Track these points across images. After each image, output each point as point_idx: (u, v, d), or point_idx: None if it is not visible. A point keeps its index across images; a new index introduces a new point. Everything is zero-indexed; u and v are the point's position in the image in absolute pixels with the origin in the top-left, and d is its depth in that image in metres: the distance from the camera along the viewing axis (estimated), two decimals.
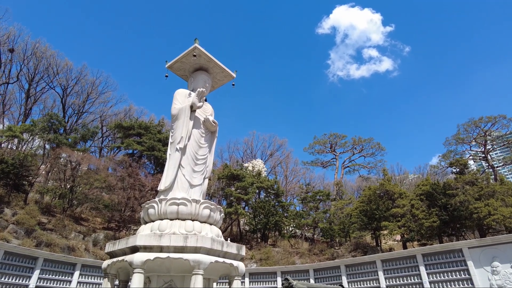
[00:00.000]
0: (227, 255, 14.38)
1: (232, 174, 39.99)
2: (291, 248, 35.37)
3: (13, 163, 25.46)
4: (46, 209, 29.93)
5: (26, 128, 29.14)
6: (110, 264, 14.49)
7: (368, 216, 29.49)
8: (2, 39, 41.18)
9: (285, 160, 68.39)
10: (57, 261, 23.27)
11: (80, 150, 34.22)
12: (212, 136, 18.84)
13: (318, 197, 39.09)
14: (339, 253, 31.42)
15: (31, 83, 45.11)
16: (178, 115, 17.38)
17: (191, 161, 17.27)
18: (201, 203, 15.39)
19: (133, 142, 39.67)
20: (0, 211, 24.84)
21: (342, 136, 51.18)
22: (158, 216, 15.22)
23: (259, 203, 39.67)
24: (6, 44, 41.79)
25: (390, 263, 24.26)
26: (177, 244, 13.22)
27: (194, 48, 18.11)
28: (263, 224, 36.89)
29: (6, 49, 41.77)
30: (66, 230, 28.08)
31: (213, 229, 15.58)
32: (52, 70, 46.30)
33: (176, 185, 16.47)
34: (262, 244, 36.80)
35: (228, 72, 19.77)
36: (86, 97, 49.79)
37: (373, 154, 51.66)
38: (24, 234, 24.68)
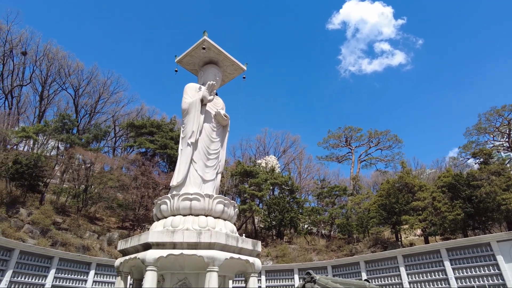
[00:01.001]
0: (242, 251, 13.83)
1: (245, 171, 39.44)
2: (308, 245, 34.59)
3: (27, 164, 25.54)
4: (61, 209, 30.03)
5: (39, 128, 29.28)
6: (123, 262, 14.11)
7: (387, 210, 28.41)
8: (14, 42, 41.74)
9: (298, 156, 67.46)
10: (73, 261, 23.21)
11: (93, 150, 34.26)
12: (224, 130, 18.36)
13: (334, 192, 38.12)
14: (357, 249, 30.48)
15: (44, 85, 45.63)
16: (188, 109, 16.97)
17: (203, 156, 16.82)
18: (214, 198, 14.91)
19: (145, 141, 39.58)
20: (16, 211, 24.94)
21: (357, 129, 49.77)
22: (170, 212, 14.80)
23: (274, 199, 39.00)
24: (18, 47, 42.35)
25: (412, 258, 23.27)
26: (191, 240, 12.74)
27: (203, 41, 17.60)
28: (278, 221, 36.21)
29: (19, 52, 42.37)
30: (81, 229, 28.06)
31: (227, 224, 15.06)
32: (64, 71, 46.81)
33: (189, 181, 16.04)
34: (278, 241, 36.14)
35: (238, 65, 19.23)
36: (98, 98, 50.17)
37: (390, 147, 50.09)
38: (40, 233, 24.72)
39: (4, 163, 24.88)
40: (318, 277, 8.41)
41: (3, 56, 41.79)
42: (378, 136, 49.13)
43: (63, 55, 46.43)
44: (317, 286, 8.11)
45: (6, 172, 24.85)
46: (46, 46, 45.22)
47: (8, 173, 24.85)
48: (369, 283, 8.22)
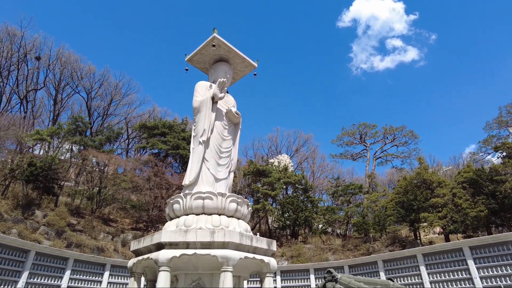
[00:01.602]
0: (257, 251, 13.46)
1: (258, 170, 39.03)
2: (323, 245, 33.93)
3: (41, 166, 25.79)
4: (75, 210, 30.24)
5: (52, 131, 29.57)
6: (136, 263, 13.91)
7: (405, 208, 27.50)
8: (28, 47, 42.48)
9: (311, 155, 66.58)
10: (87, 262, 23.24)
11: (106, 151, 34.45)
12: (236, 128, 18.11)
13: (349, 190, 37.27)
14: (375, 248, 29.67)
15: (58, 89, 46.29)
16: (199, 108, 16.79)
17: (215, 154, 16.59)
18: (227, 196, 14.63)
19: (157, 142, 39.63)
20: (32, 213, 25.18)
21: (372, 126, 48.43)
22: (183, 211, 14.57)
23: (287, 198, 38.44)
24: (32, 52, 43.09)
25: (432, 257, 22.40)
26: (204, 240, 12.44)
27: (213, 38, 17.36)
28: (293, 220, 35.65)
29: (33, 56, 43.08)
30: (95, 231, 28.16)
31: (241, 223, 14.72)
32: (76, 75, 47.38)
33: (201, 179, 15.82)
34: (293, 241, 35.59)
35: (249, 62, 18.94)
36: (110, 100, 50.56)
37: (406, 143, 48.50)
38: (55, 235, 24.87)
39: (19, 165, 25.19)
40: (339, 275, 7.92)
41: (18, 62, 42.60)
42: (394, 132, 47.81)
43: (75, 58, 47.15)
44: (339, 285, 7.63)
45: (21, 175, 25.14)
46: (58, 50, 46.02)
47: (23, 176, 25.13)
48: (393, 282, 7.68)
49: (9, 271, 19.42)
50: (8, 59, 42.39)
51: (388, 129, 47.70)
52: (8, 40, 41.65)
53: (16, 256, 19.83)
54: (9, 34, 41.32)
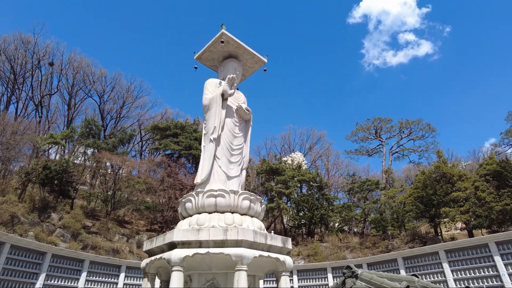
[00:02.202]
0: (271, 249, 13.05)
1: (271, 168, 38.56)
2: (340, 243, 33.18)
3: (56, 169, 26.06)
4: (90, 213, 30.46)
5: (66, 134, 29.90)
6: (149, 263, 13.71)
7: (424, 203, 26.50)
8: (41, 53, 43.29)
9: (325, 153, 65.54)
10: (103, 263, 23.30)
11: (119, 153, 34.64)
12: (247, 125, 17.84)
13: (365, 187, 36.36)
14: (394, 245, 28.76)
15: (71, 94, 47.02)
16: (209, 105, 16.59)
17: (226, 152, 16.33)
18: (239, 194, 14.33)
19: (170, 143, 39.66)
20: (48, 215, 25.44)
21: (387, 120, 46.99)
22: (195, 210, 14.34)
23: (302, 196, 37.82)
24: (45, 58, 43.88)
25: (456, 253, 21.47)
26: (217, 238, 12.15)
27: (222, 34, 17.12)
28: (308, 219, 35.01)
29: (46, 62, 43.85)
30: (110, 233, 28.28)
31: (254, 221, 14.36)
32: (89, 79, 48.03)
33: (213, 177, 15.59)
34: (309, 240, 34.96)
35: (258, 58, 18.62)
36: (122, 103, 51.04)
37: (423, 137, 46.88)
38: (71, 237, 25.04)
39: (34, 169, 25.52)
40: (360, 271, 7.41)
41: (32, 68, 43.47)
42: (410, 125, 46.26)
43: (87, 63, 47.84)
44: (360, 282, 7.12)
45: (36, 178, 25.46)
46: (70, 55, 46.75)
47: (38, 179, 25.44)
48: (418, 279, 7.12)
49: (27, 273, 19.59)
50: (23, 66, 43.31)
51: (404, 123, 46.27)
52: (22, 47, 42.58)
53: (33, 259, 19.99)
54: (23, 42, 42.24)
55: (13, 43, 42.10)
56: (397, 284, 6.55)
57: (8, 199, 23.72)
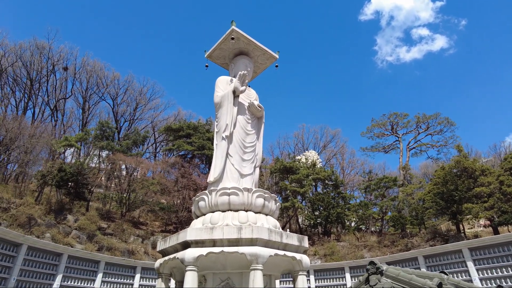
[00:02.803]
0: (287, 247, 12.66)
1: (285, 167, 38.07)
2: (358, 242, 32.41)
3: (70, 171, 26.32)
4: (105, 214, 30.66)
5: (80, 137, 30.24)
6: (163, 263, 13.51)
7: (445, 199, 25.48)
8: (56, 58, 44.09)
9: (340, 151, 64.50)
10: (118, 265, 23.33)
11: (133, 155, 34.83)
12: (259, 122, 17.57)
13: (383, 184, 35.44)
14: (414, 244, 27.84)
15: (85, 97, 47.74)
16: (221, 103, 16.40)
17: (239, 149, 16.08)
18: (253, 191, 14.01)
19: (183, 143, 39.68)
20: (64, 217, 25.69)
21: (403, 115, 45.54)
22: (209, 208, 14.11)
23: (317, 195, 37.19)
24: (60, 62, 44.67)
25: (481, 251, 20.52)
26: (231, 237, 11.85)
27: (232, 31, 16.90)
28: (324, 218, 34.35)
29: (60, 67, 44.63)
30: (125, 234, 28.37)
31: (269, 219, 14.00)
32: (102, 82, 48.62)
33: (226, 176, 15.37)
34: (325, 239, 34.31)
35: (270, 54, 18.32)
36: (136, 106, 51.50)
37: (441, 131, 45.02)
38: (87, 239, 25.20)
39: (50, 171, 25.84)
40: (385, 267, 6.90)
41: (47, 73, 44.28)
42: (427, 120, 44.66)
43: (100, 66, 48.46)
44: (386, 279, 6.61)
45: (52, 180, 25.76)
46: (84, 60, 47.46)
47: (54, 181, 25.75)
48: (448, 276, 6.57)
49: (44, 274, 19.74)
50: (39, 71, 44.17)
51: (421, 118, 44.71)
52: (37, 53, 43.42)
53: (50, 260, 20.14)
54: (38, 47, 43.07)
55: (29, 49, 43.06)
56: (428, 281, 6.04)
57: (25, 202, 24.06)
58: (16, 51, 42.15)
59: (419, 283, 6.04)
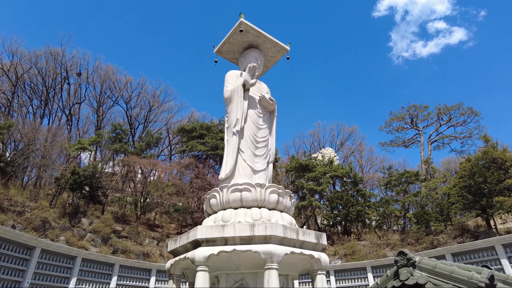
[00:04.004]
0: (304, 245, 11.84)
1: (301, 165, 37.07)
2: (380, 240, 31.05)
3: (83, 174, 26.25)
4: (120, 217, 30.48)
5: (93, 140, 30.26)
6: (173, 264, 12.89)
7: (472, 193, 23.86)
8: (69, 64, 44.72)
9: (358, 148, 62.90)
10: (133, 267, 22.96)
11: (147, 157, 34.67)
12: (271, 116, 16.86)
13: (404, 179, 33.89)
14: (440, 241, 26.30)
15: (99, 102, 48.19)
16: (231, 97, 15.80)
17: (250, 145, 15.39)
18: (266, 187, 13.28)
19: (196, 144, 39.32)
20: (78, 220, 25.58)
21: (423, 107, 43.22)
22: (221, 206, 13.46)
23: (336, 193, 36.01)
24: (73, 68, 45.28)
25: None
26: (243, 234, 11.14)
27: (240, 23, 16.27)
28: (344, 216, 33.14)
29: (73, 73, 45.19)
30: (140, 236, 28.06)
31: (284, 216, 13.20)
32: (115, 86, 48.92)
33: (238, 172, 14.69)
34: (345, 238, 33.09)
35: (281, 46, 17.55)
36: (149, 109, 51.58)
37: (465, 122, 42.43)
38: (101, 242, 25.00)
39: (63, 174, 25.84)
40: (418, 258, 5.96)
41: (61, 80, 44.94)
42: (449, 111, 42.21)
43: (112, 71, 48.80)
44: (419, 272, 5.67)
45: (65, 183, 25.74)
46: (96, 64, 47.98)
47: (67, 184, 25.71)
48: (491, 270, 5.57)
49: (58, 277, 19.53)
50: (54, 79, 44.86)
51: (442, 109, 42.38)
52: (52, 60, 44.08)
53: (64, 263, 19.92)
54: (52, 54, 43.73)
55: (44, 56, 43.79)
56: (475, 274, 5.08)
57: (40, 205, 24.07)
58: (31, 58, 42.97)
59: (464, 277, 5.09)
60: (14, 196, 22.68)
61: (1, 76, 39.87)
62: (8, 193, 22.48)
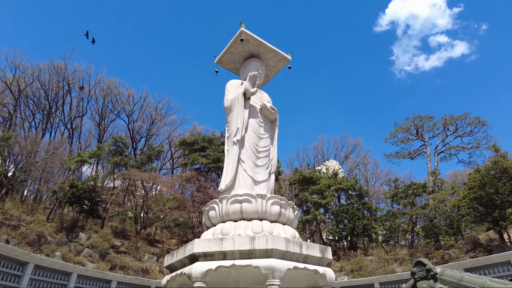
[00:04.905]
0: (308, 259, 11.10)
1: (304, 178, 36.29)
2: (387, 255, 29.89)
3: (82, 187, 25.68)
4: (120, 232, 29.68)
5: (93, 153, 29.84)
6: (170, 280, 12.18)
7: (484, 204, 22.92)
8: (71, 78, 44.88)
9: (363, 161, 62.10)
10: (131, 284, 22.03)
11: (147, 170, 34.11)
12: (273, 126, 16.40)
13: (410, 191, 32.92)
14: (451, 255, 25.16)
15: (101, 115, 48.08)
16: (231, 106, 15.40)
17: (251, 154, 14.86)
18: (267, 198, 12.66)
19: (198, 157, 38.78)
20: (75, 235, 24.86)
21: (428, 118, 42.46)
22: (220, 218, 12.83)
23: (341, 207, 35.05)
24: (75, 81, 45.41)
25: None
26: (243, 248, 10.47)
27: (241, 33, 16.03)
28: (349, 230, 32.09)
29: (76, 86, 45.29)
30: (140, 252, 27.19)
31: (287, 229, 12.51)
32: (117, 99, 48.88)
33: (238, 183, 14.14)
34: (351, 254, 31.94)
35: (282, 55, 17.25)
36: (151, 122, 51.36)
37: (472, 132, 41.44)
38: (99, 257, 24.18)
39: (61, 187, 25.30)
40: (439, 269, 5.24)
41: (63, 94, 45.02)
42: (455, 121, 41.36)
43: (114, 84, 48.83)
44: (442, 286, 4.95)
45: (63, 196, 25.15)
46: (99, 78, 48.21)
47: (65, 197, 25.12)
48: None
49: None
50: (56, 92, 44.94)
51: (448, 119, 41.57)
52: (55, 74, 44.27)
53: (58, 279, 19.10)
54: (55, 68, 43.95)
55: (47, 70, 43.97)
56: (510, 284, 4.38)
57: (36, 219, 23.43)
58: (33, 72, 43.19)
59: None
60: (10, 209, 22.09)
61: (4, 90, 39.94)
62: (4, 207, 21.92)
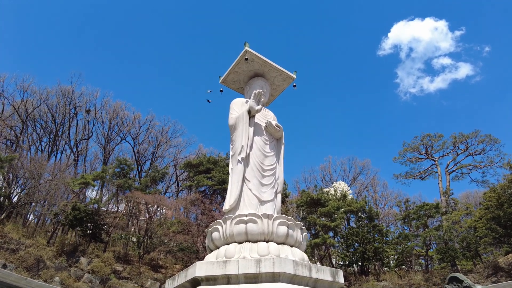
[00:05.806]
0: (318, 284, 10.33)
1: (312, 199, 35.31)
2: (401, 280, 28.41)
3: (84, 210, 25.15)
4: (122, 257, 28.78)
5: (96, 175, 29.54)
6: None
7: (502, 225, 21.75)
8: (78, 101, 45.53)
9: (371, 183, 60.92)
10: None
11: (151, 192, 33.55)
12: (279, 144, 15.97)
13: (422, 212, 31.67)
14: (471, 280, 23.66)
15: (107, 138, 48.30)
16: (236, 124, 15.07)
17: (257, 173, 14.33)
18: (274, 218, 11.97)
19: (203, 179, 38.21)
20: (76, 260, 24.06)
21: (438, 136, 41.39)
22: (224, 240, 12.13)
23: (351, 229, 33.82)
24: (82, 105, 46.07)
25: None
26: (248, 271, 9.78)
27: (245, 52, 15.92)
28: (360, 254, 30.74)
29: (82, 109, 45.85)
30: (142, 277, 26.19)
31: (295, 252, 11.76)
32: (123, 122, 49.24)
33: (243, 203, 13.53)
34: (363, 279, 30.47)
35: (286, 74, 17.05)
36: (157, 145, 51.34)
37: (484, 151, 40.21)
38: (99, 283, 23.24)
39: (63, 210, 24.78)
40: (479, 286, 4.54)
41: (70, 117, 45.56)
42: (465, 139, 40.28)
43: (121, 107, 49.40)
44: None
45: (65, 219, 24.59)
46: (105, 101, 48.88)
47: (67, 220, 24.55)
48: None
49: None
50: (63, 116, 45.49)
51: (458, 137, 40.54)
52: (62, 97, 45.02)
53: None
54: (62, 92, 44.76)
55: (55, 94, 44.76)
56: None
57: (36, 242, 22.77)
58: (41, 96, 43.96)
59: None
60: (9, 232, 21.54)
61: (13, 114, 40.45)
62: (3, 230, 21.38)
